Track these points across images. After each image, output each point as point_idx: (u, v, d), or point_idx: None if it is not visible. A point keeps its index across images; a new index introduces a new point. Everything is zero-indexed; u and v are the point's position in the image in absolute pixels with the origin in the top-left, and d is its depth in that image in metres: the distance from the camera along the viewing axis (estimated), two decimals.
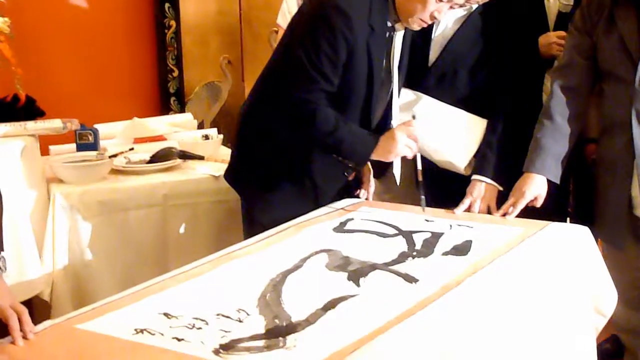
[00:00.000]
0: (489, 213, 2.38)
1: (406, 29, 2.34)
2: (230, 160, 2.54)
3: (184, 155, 3.01)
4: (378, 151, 2.23)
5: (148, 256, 2.70)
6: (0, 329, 1.49)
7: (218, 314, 1.57)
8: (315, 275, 1.81)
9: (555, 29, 2.81)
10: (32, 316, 1.51)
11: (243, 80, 4.76)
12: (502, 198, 2.39)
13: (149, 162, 2.94)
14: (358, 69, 2.23)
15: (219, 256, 1.97)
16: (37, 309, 2.52)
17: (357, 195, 2.50)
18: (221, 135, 3.29)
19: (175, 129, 3.53)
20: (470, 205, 2.39)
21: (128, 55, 4.42)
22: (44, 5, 4.05)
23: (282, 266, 1.85)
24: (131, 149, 3.18)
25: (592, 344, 2.12)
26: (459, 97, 2.52)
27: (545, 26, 2.82)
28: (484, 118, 2.51)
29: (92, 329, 1.53)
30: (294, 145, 2.32)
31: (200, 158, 3.02)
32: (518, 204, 2.29)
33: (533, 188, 2.31)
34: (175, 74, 4.54)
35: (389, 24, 2.27)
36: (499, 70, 2.49)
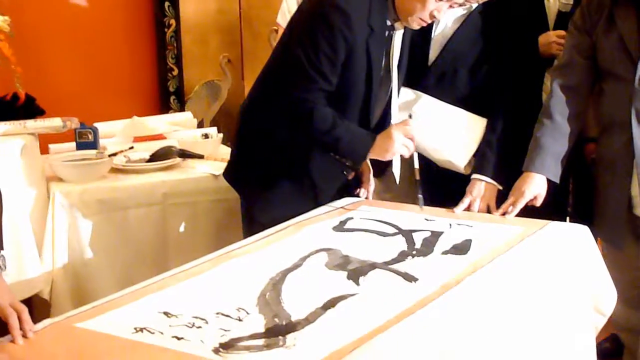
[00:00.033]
0: (489, 212, 2.38)
1: (406, 28, 2.33)
2: (230, 159, 2.55)
3: (184, 154, 3.01)
4: (375, 150, 2.23)
5: (148, 255, 2.70)
6: (0, 328, 1.49)
7: (218, 313, 1.57)
8: (315, 274, 1.81)
9: (555, 28, 2.81)
10: (32, 315, 1.51)
11: (243, 79, 4.76)
12: (502, 197, 2.39)
13: (149, 161, 2.94)
14: (357, 68, 2.22)
15: (219, 255, 1.97)
16: (37, 308, 2.52)
17: (357, 194, 2.50)
18: (221, 134, 3.29)
19: (175, 127, 3.53)
20: (470, 205, 2.39)
21: (128, 54, 4.42)
22: (43, 4, 4.05)
23: (282, 265, 1.85)
24: (131, 147, 3.18)
25: (592, 343, 2.12)
26: (458, 96, 2.52)
27: (545, 25, 2.82)
28: (483, 117, 2.51)
29: (92, 327, 1.53)
30: (293, 144, 2.32)
31: (200, 157, 3.02)
32: (518, 203, 2.29)
33: (533, 187, 2.31)
34: (175, 72, 4.54)
35: (389, 23, 2.26)
36: (498, 70, 2.49)
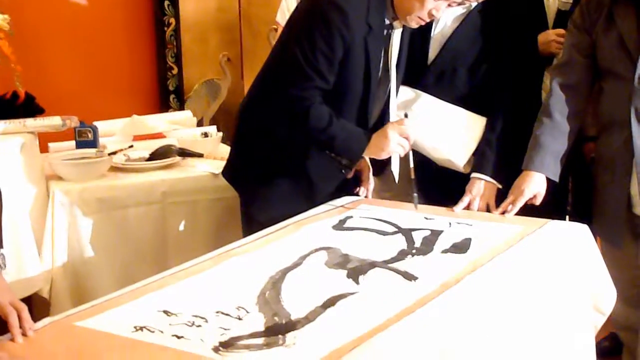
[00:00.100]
0: (488, 211, 2.38)
1: (404, 27, 2.33)
2: (229, 157, 2.54)
3: (183, 153, 3.01)
4: (370, 149, 2.23)
5: (147, 253, 2.70)
6: (0, 326, 1.49)
7: (217, 312, 1.57)
8: (315, 273, 1.81)
9: (554, 27, 2.80)
10: (32, 313, 1.52)
11: (242, 77, 4.75)
12: (502, 196, 2.39)
13: (148, 160, 2.94)
14: (355, 66, 2.22)
15: (219, 254, 1.97)
16: (37, 306, 2.51)
17: (357, 193, 2.50)
18: (220, 133, 3.29)
19: (175, 126, 3.53)
20: (469, 203, 2.39)
21: (127, 53, 4.41)
22: (43, 3, 4.04)
23: (282, 264, 1.85)
24: (130, 146, 3.18)
25: (591, 342, 2.12)
26: (458, 95, 2.51)
27: (544, 24, 2.82)
28: (483, 116, 2.51)
29: (92, 326, 1.53)
30: (292, 143, 2.32)
31: (200, 155, 3.02)
32: (517, 201, 2.29)
33: (532, 186, 2.31)
34: (174, 71, 4.53)
35: (387, 22, 2.26)
36: (498, 68, 2.49)
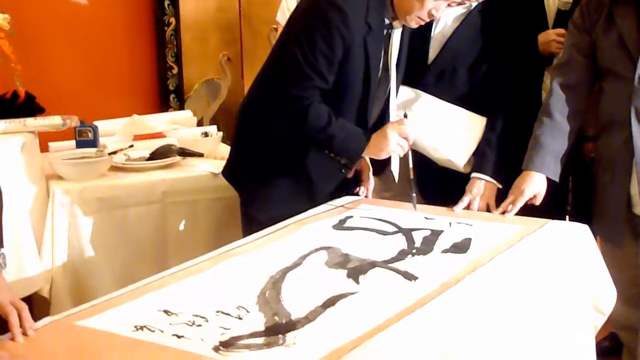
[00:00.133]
0: (488, 211, 2.38)
1: (404, 27, 2.33)
2: (229, 157, 2.54)
3: (183, 153, 3.01)
4: (370, 149, 2.23)
5: (147, 253, 2.70)
6: (0, 326, 1.49)
7: (218, 311, 1.57)
8: (315, 273, 1.81)
9: (554, 27, 2.80)
10: (32, 313, 1.51)
11: (242, 77, 4.75)
12: (502, 196, 2.39)
13: (149, 159, 2.94)
14: (354, 66, 2.22)
15: (219, 253, 1.97)
16: (37, 306, 2.51)
17: (357, 193, 2.50)
18: (220, 133, 3.29)
19: (175, 126, 3.53)
20: (469, 203, 2.39)
21: (128, 53, 4.41)
22: (44, 2, 4.04)
23: (282, 263, 1.85)
24: (130, 146, 3.18)
25: (591, 342, 2.12)
26: (458, 95, 2.51)
27: (544, 24, 2.82)
28: (483, 116, 2.51)
29: (92, 325, 1.53)
30: (292, 143, 2.31)
31: (200, 155, 3.02)
32: (517, 201, 2.29)
33: (532, 186, 2.31)
34: (174, 71, 4.53)
35: (387, 21, 2.26)
36: (498, 68, 2.49)
